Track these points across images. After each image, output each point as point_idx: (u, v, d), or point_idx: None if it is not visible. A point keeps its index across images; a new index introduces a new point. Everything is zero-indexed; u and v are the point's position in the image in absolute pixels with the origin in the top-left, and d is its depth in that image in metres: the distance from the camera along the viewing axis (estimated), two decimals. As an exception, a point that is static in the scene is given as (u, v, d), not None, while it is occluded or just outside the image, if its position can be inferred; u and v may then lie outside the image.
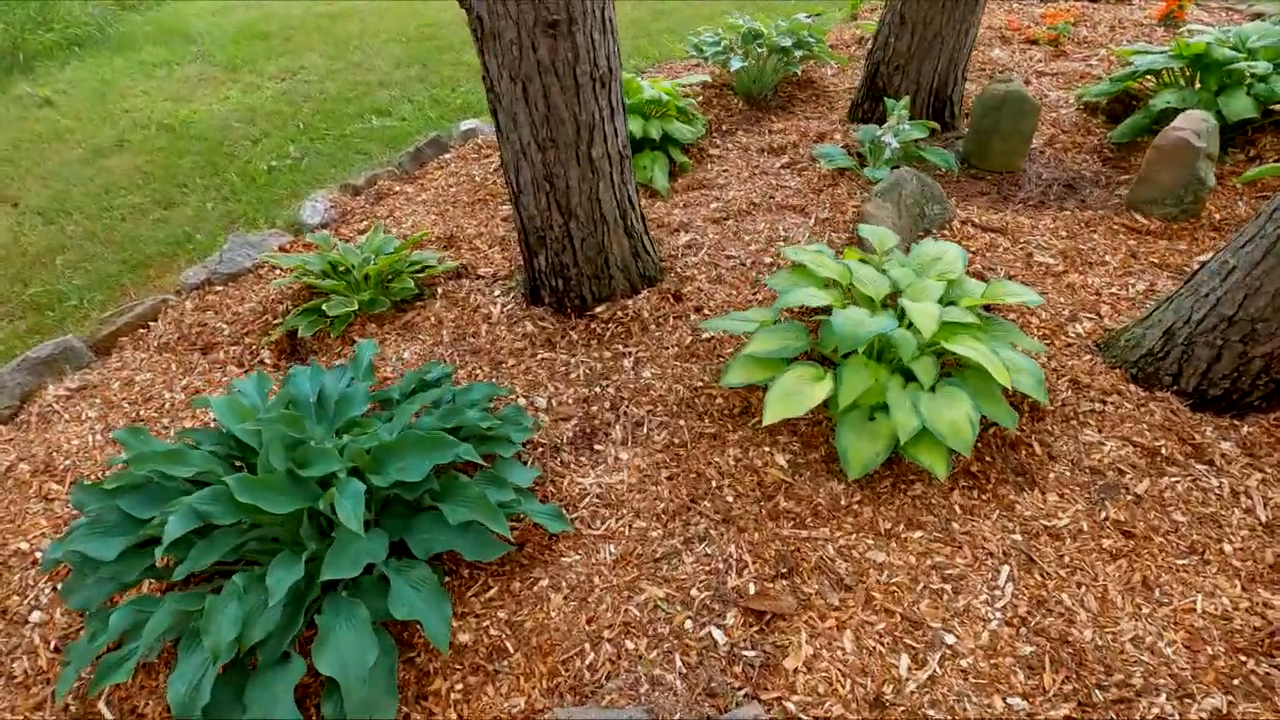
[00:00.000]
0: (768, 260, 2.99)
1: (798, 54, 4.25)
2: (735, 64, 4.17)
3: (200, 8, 7.27)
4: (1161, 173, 2.86)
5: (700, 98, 4.47)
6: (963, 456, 2.05)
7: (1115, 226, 2.99)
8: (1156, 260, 2.79)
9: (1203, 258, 2.75)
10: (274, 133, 4.69)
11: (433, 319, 2.88)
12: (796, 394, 2.03)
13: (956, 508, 1.97)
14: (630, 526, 2.00)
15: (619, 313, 2.73)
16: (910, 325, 2.10)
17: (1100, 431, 2.12)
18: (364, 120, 4.82)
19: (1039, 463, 2.07)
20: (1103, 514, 1.91)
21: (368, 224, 3.65)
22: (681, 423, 2.31)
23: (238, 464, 1.89)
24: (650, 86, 3.74)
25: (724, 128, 4.27)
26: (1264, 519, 1.83)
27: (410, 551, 1.69)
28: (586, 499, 2.10)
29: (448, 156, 4.33)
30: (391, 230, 3.57)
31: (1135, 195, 2.97)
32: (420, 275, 3.05)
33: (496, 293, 3.01)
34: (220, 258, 3.30)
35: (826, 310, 2.33)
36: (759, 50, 4.26)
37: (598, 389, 2.47)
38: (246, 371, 2.73)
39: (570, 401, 2.45)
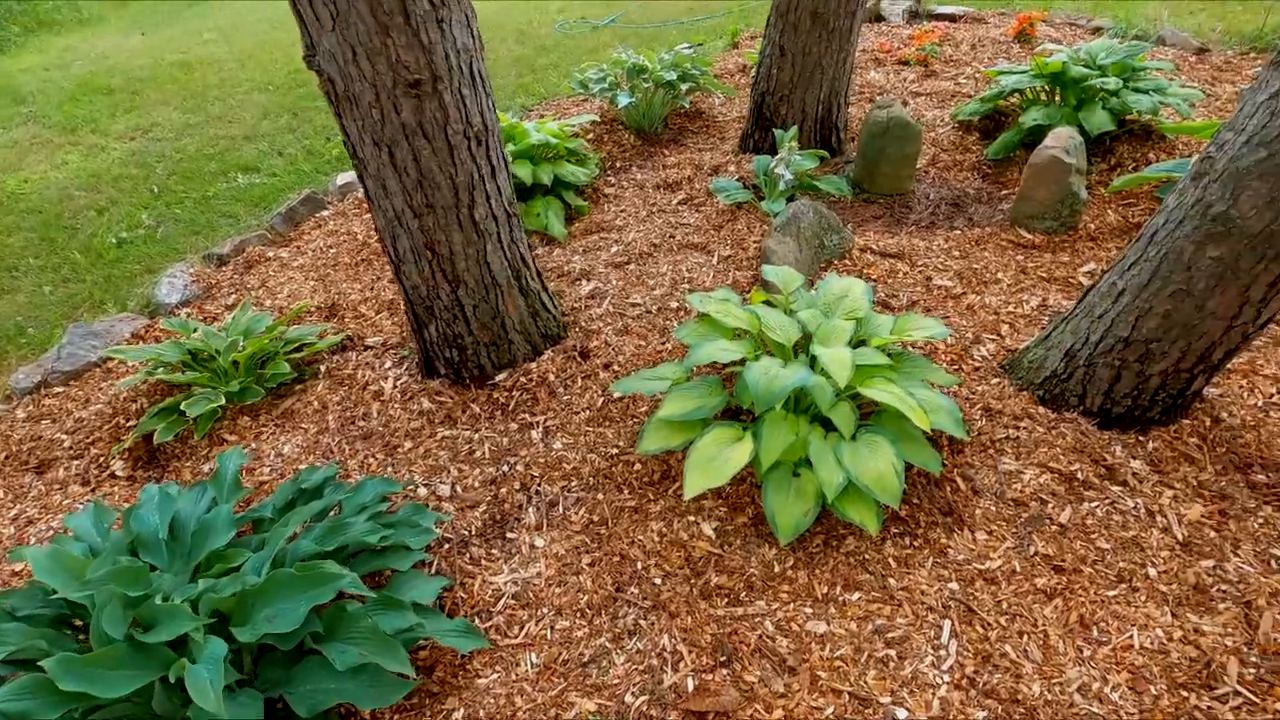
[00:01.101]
0: (674, 305, 2.88)
1: (684, 87, 4.23)
2: (623, 100, 4.09)
3: (31, 63, 6.59)
4: (1038, 189, 2.96)
5: (591, 135, 4.36)
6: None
7: (1003, 243, 3.07)
8: (1044, 274, 2.87)
9: (1086, 269, 2.86)
10: (122, 200, 4.23)
11: (316, 403, 2.60)
12: (716, 460, 1.91)
13: (891, 560, 1.89)
14: (552, 628, 1.81)
15: (523, 379, 2.54)
16: (825, 372, 2.03)
17: (1018, 459, 2.11)
18: (228, 179, 4.43)
19: (964, 499, 2.03)
20: (1031, 549, 1.88)
21: (237, 298, 3.31)
22: (600, 497, 2.15)
23: (74, 623, 1.57)
24: (537, 130, 3.60)
25: (618, 165, 4.18)
26: (1180, 537, 1.84)
27: (293, 711, 1.43)
28: (502, 601, 1.89)
29: (325, 214, 4.02)
30: (265, 303, 3.24)
31: (1017, 211, 3.07)
32: (299, 355, 2.75)
33: (388, 365, 2.76)
34: (58, 353, 2.88)
35: (740, 362, 2.24)
36: (645, 85, 4.21)
37: (506, 467, 2.27)
38: (93, 490, 2.35)
39: (477, 485, 2.23)
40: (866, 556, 1.91)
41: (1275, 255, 1.63)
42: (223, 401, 2.44)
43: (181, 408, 2.39)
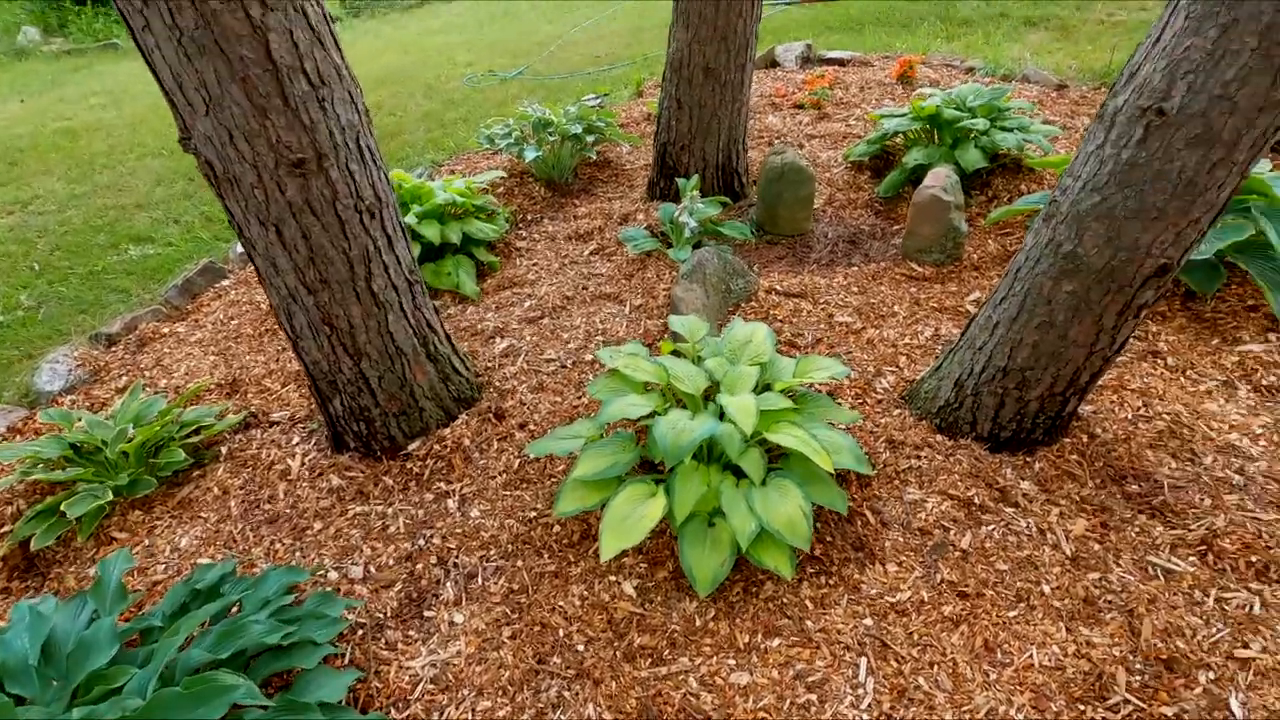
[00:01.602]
0: (589, 358, 2.90)
1: (590, 139, 4.32)
2: (530, 154, 4.14)
3: (-106, 135, 6.15)
4: (923, 226, 3.15)
5: (502, 189, 4.39)
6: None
7: (897, 276, 3.24)
8: (935, 305, 3.05)
9: (972, 297, 3.05)
10: (-1, 280, 3.96)
11: (217, 489, 2.47)
12: (630, 518, 1.91)
13: (808, 602, 1.93)
14: (473, 711, 1.75)
15: (436, 446, 2.50)
16: (732, 420, 2.08)
17: (921, 488, 2.20)
18: (119, 252, 4.22)
19: (874, 532, 2.10)
20: (938, 577, 1.95)
21: (128, 380, 3.13)
22: (519, 564, 2.11)
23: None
24: (443, 189, 3.59)
25: (529, 217, 4.21)
26: (1069, 553, 1.96)
27: (185, 844, 1.33)
28: (419, 686, 1.82)
29: (226, 283, 3.88)
30: (160, 384, 3.08)
31: (907, 247, 3.26)
32: (197, 438, 2.62)
33: (295, 440, 2.66)
34: (-79, 457, 2.64)
35: (650, 415, 2.26)
36: (552, 138, 4.28)
37: (422, 541, 2.21)
38: (-39, 609, 2.15)
39: (392, 563, 2.16)
40: (785, 600, 1.94)
41: (1119, 287, 1.79)
42: (110, 497, 2.29)
43: (62, 508, 2.22)
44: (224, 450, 2.64)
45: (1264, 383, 2.47)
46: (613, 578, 2.03)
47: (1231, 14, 1.41)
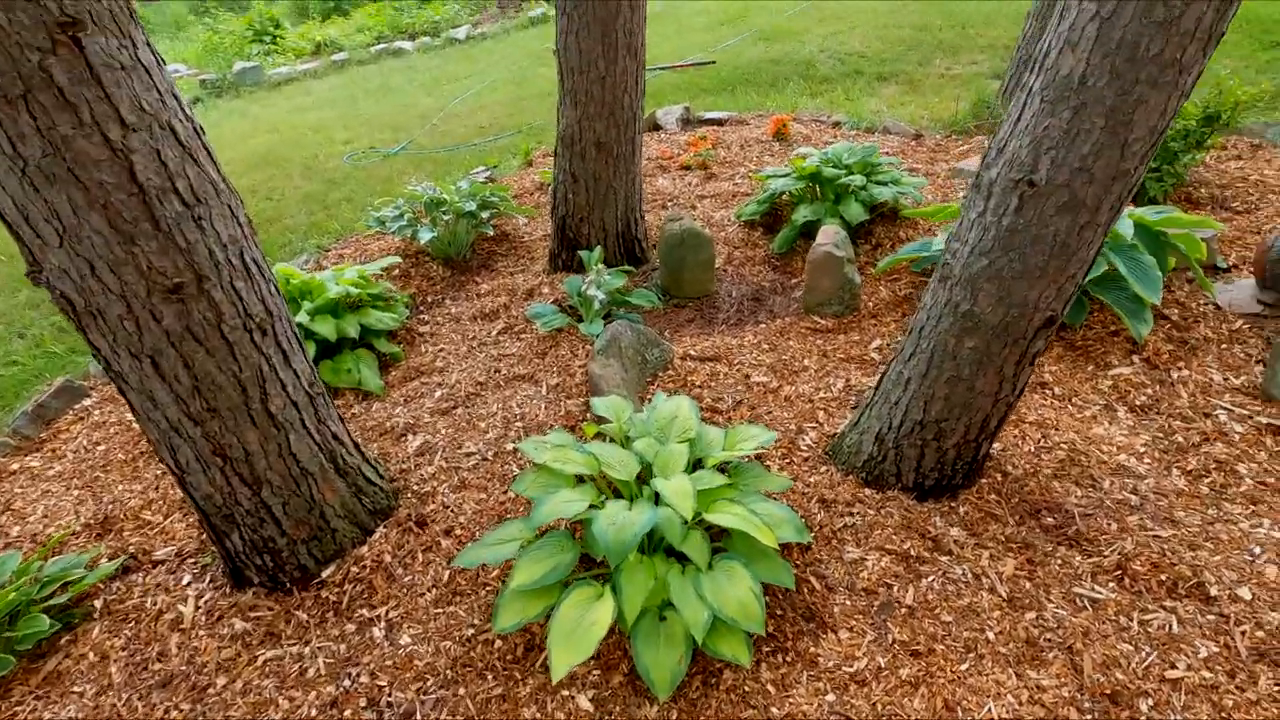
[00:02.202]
0: (510, 447, 2.79)
1: (485, 215, 4.26)
2: (425, 236, 4.03)
3: None
4: (821, 281, 3.30)
5: (398, 270, 4.23)
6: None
7: (802, 330, 3.36)
8: (842, 355, 3.17)
9: (874, 345, 3.19)
10: None
11: (93, 655, 2.14)
12: (580, 627, 1.81)
13: (770, 687, 1.88)
14: None
15: (354, 568, 2.29)
16: (670, 505, 2.03)
17: (859, 546, 2.23)
18: (-49, 378, 3.70)
19: (821, 599, 2.10)
20: (889, 637, 1.96)
21: (-29, 532, 2.70)
22: (461, 691, 1.94)
23: None
24: (335, 281, 3.41)
25: (429, 299, 4.07)
26: (1005, 595, 2.03)
27: None
28: None
29: (89, 402, 3.47)
30: (12, 531, 2.68)
31: (807, 302, 3.39)
32: (65, 596, 2.28)
33: (186, 581, 2.37)
34: None
35: (587, 509, 2.18)
36: (446, 217, 4.19)
37: (348, 681, 2.00)
38: None
39: (314, 714, 1.93)
40: (746, 689, 1.88)
41: (1014, 340, 1.92)
42: (-45, 688, 1.93)
43: (-109, 714, 1.85)
44: (99, 605, 2.31)
45: (1137, 403, 2.71)
46: (566, 692, 1.90)
47: (1080, 98, 1.57)
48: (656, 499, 2.11)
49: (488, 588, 2.23)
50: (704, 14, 10.21)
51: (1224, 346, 2.96)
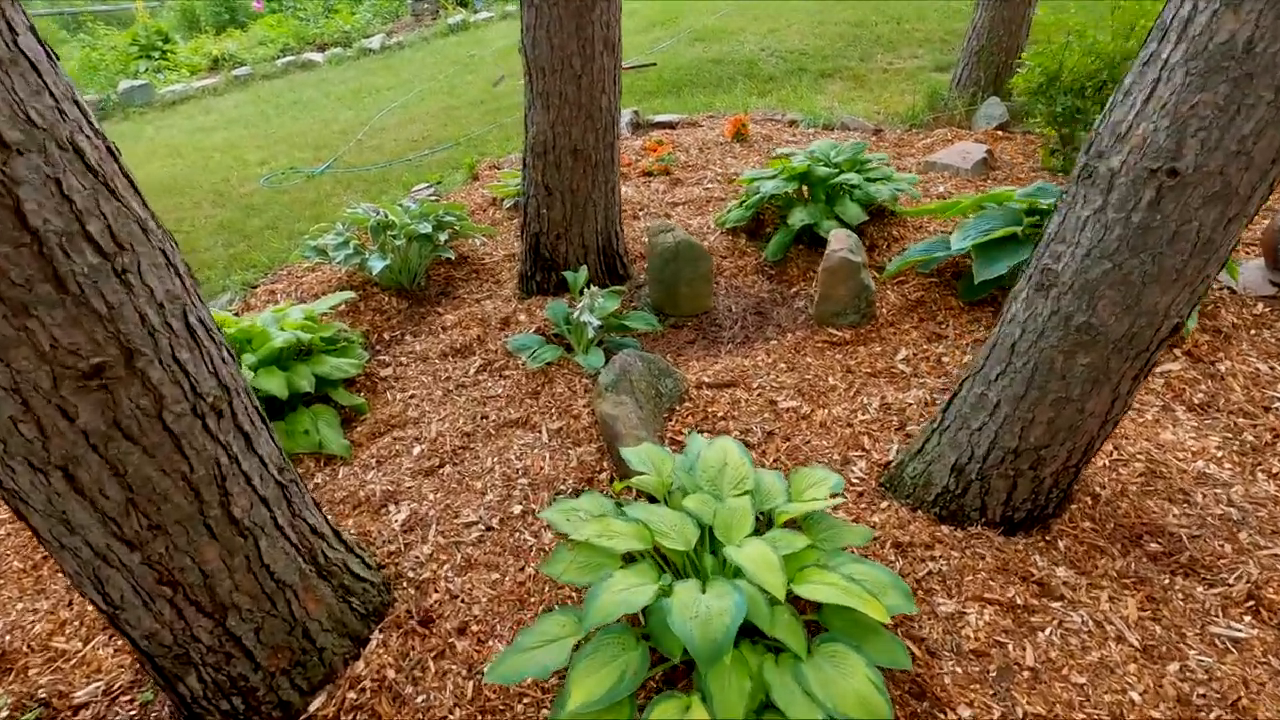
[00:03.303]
0: (517, 509, 2.36)
1: (442, 237, 3.79)
2: (376, 265, 3.52)
3: None
4: (837, 289, 3.02)
5: (344, 305, 3.70)
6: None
7: (818, 345, 3.07)
8: (868, 370, 2.89)
9: (900, 356, 2.93)
10: None
11: None
12: (675, 761, 1.43)
13: (901, 796, 1.55)
14: None
15: (351, 693, 1.82)
16: (750, 579, 1.67)
17: (951, 597, 1.93)
18: None
19: (928, 669, 1.79)
20: (1019, 711, 1.67)
21: None
22: None
23: None
24: (278, 325, 2.88)
25: (387, 337, 3.57)
26: (1137, 644, 1.77)
27: None
28: None
29: (-31, 496, 2.80)
30: (-128, 687, 2.04)
31: (821, 313, 3.10)
32: (-49, 779, 1.70)
33: (123, 731, 1.83)
34: None
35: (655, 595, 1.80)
36: (398, 242, 3.69)
37: None
38: None
39: None
40: (874, 802, 1.54)
41: (1137, 353, 1.66)
42: None
43: None
44: (4, 783, 1.75)
45: (1194, 401, 2.54)
46: (656, 839, 1.50)
47: (1243, 68, 1.31)
48: (723, 565, 1.75)
49: (525, 699, 1.80)
50: (634, 15, 9.93)
51: (1254, 333, 2.86)
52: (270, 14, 11.35)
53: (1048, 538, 2.04)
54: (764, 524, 1.96)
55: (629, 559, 1.86)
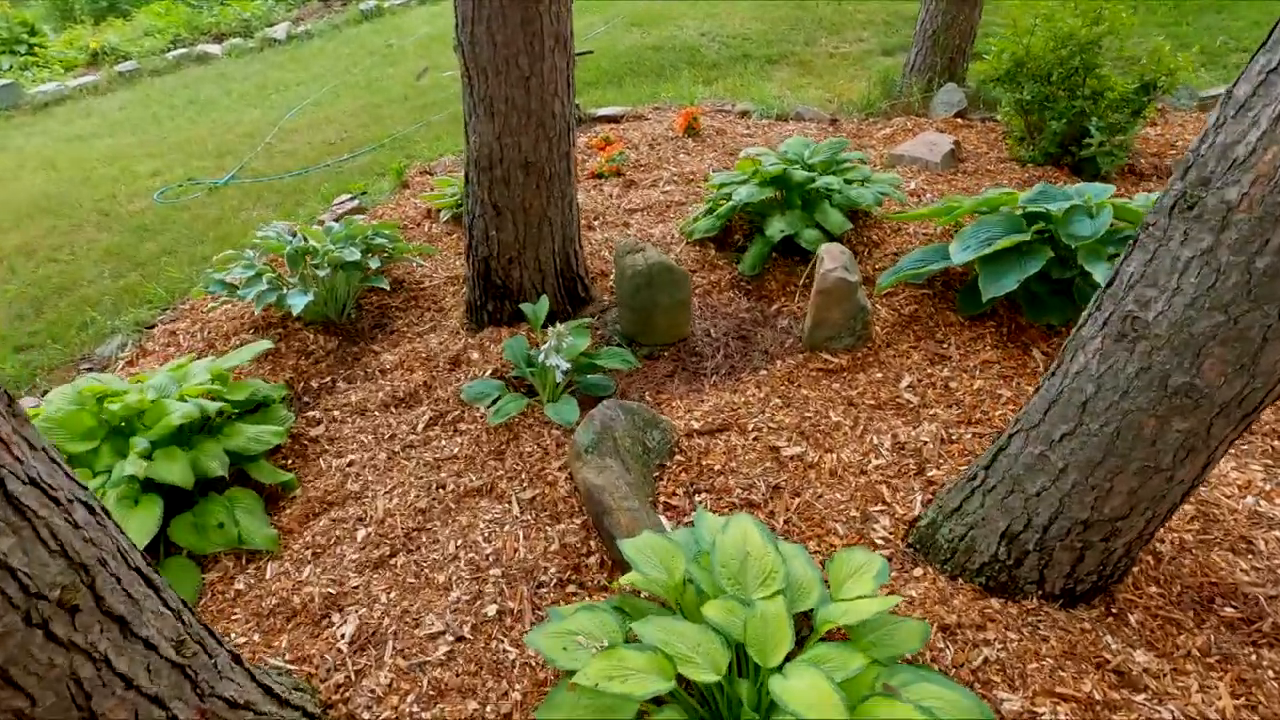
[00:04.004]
0: (491, 610, 1.97)
1: (375, 263, 3.29)
2: (298, 302, 3.01)
3: None
4: (832, 312, 2.71)
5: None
6: None
7: (813, 373, 2.76)
8: (872, 401, 2.61)
9: (904, 384, 2.65)
10: None
11: None
12: None
13: None
14: None
15: None
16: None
17: (1015, 690, 1.66)
18: None
19: (1006, 792, 1.50)
20: (1124, 843, 1.40)
21: None
22: None
23: None
24: (179, 393, 2.36)
25: (315, 385, 3.07)
26: (1240, 742, 1.53)
27: None
28: None
29: None
30: None
31: (814, 338, 2.80)
32: None
33: None
34: None
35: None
36: (321, 272, 3.17)
37: None
38: None
39: None
40: None
41: (1243, 415, 1.40)
42: None
43: None
44: None
45: (1226, 423, 2.35)
46: None
47: None
48: (760, 704, 1.42)
49: None
50: None
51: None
52: (157, 0, 10.23)
53: (1114, 609, 1.79)
54: (801, 622, 1.64)
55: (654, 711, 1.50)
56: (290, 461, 2.63)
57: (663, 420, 2.45)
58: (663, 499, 2.26)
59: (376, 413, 2.83)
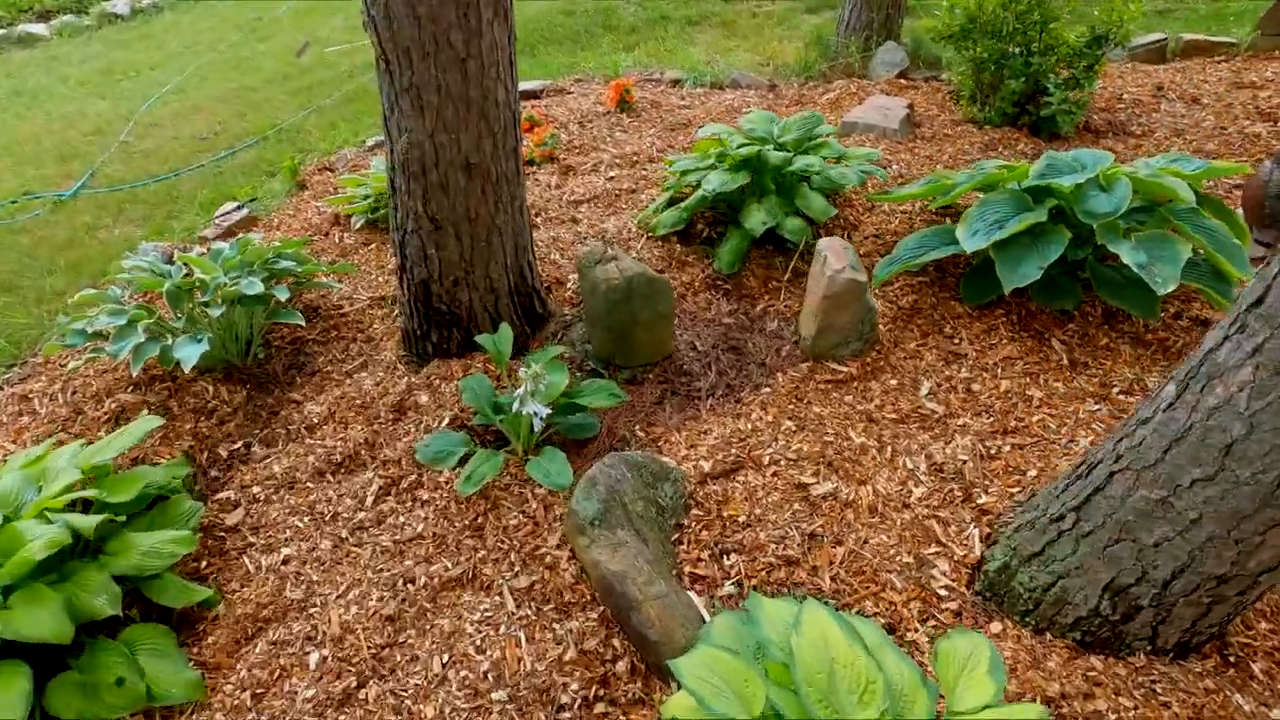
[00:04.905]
0: (505, 751, 1.56)
1: (283, 294, 2.69)
2: (190, 356, 2.40)
3: None
4: (840, 316, 2.39)
5: (148, 410, 2.54)
6: None
7: (822, 386, 2.45)
8: (893, 414, 2.32)
9: (924, 391, 2.38)
10: None
11: None
12: None
13: None
14: None
15: None
16: None
17: (1145, 772, 1.42)
18: None
19: None
20: None
21: None
22: None
23: None
24: (34, 513, 1.77)
25: (224, 453, 2.49)
26: None
27: None
28: None
29: None
30: None
31: (819, 346, 2.47)
32: None
33: None
34: None
35: None
36: (215, 311, 2.56)
37: None
38: None
39: None
40: None
41: None
42: None
43: None
44: None
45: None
46: None
47: None
48: None
49: None
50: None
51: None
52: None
53: (1230, 658, 1.58)
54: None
55: None
56: (205, 565, 2.08)
57: (671, 468, 2.07)
58: (687, 568, 1.89)
59: (309, 484, 2.30)
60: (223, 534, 2.18)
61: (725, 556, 1.92)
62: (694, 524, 2.00)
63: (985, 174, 2.63)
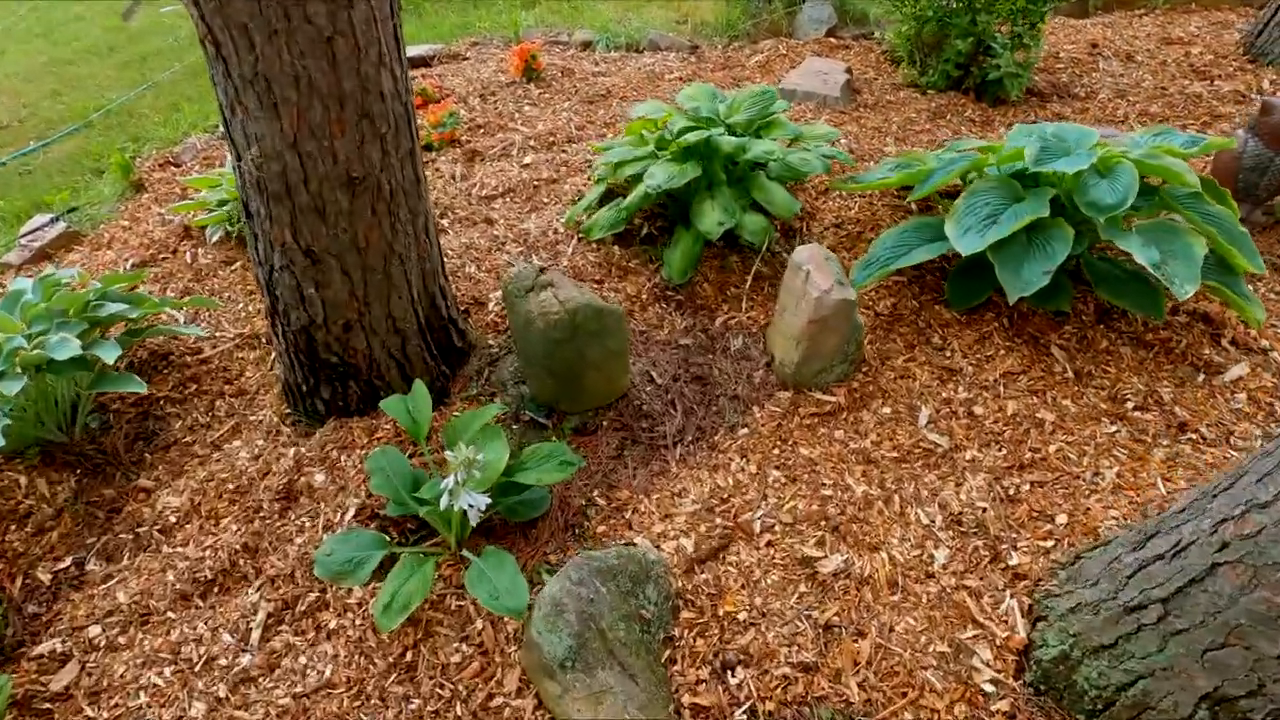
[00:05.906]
0: None
1: (111, 354, 2.03)
2: (-28, 459, 1.74)
3: None
4: (828, 341, 2.02)
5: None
6: None
7: (808, 422, 2.09)
8: (893, 453, 1.99)
9: (924, 420, 2.06)
10: None
11: None
12: None
13: None
14: None
15: None
16: None
17: None
18: None
19: None
20: None
21: None
22: None
23: None
24: None
25: (43, 577, 1.87)
26: None
27: None
28: None
29: None
30: None
31: (803, 374, 2.10)
32: None
33: None
34: None
35: None
36: (9, 387, 1.88)
37: None
38: None
39: None
40: None
41: None
42: None
43: None
44: None
45: (1286, 416, 2.03)
46: None
47: None
48: None
49: None
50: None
51: None
52: None
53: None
54: None
55: None
56: (23, 761, 1.51)
57: (652, 563, 1.65)
58: (686, 698, 1.50)
59: (171, 614, 1.74)
60: (47, 706, 1.59)
61: (730, 673, 1.54)
62: (686, 631, 1.60)
63: (967, 159, 2.30)
